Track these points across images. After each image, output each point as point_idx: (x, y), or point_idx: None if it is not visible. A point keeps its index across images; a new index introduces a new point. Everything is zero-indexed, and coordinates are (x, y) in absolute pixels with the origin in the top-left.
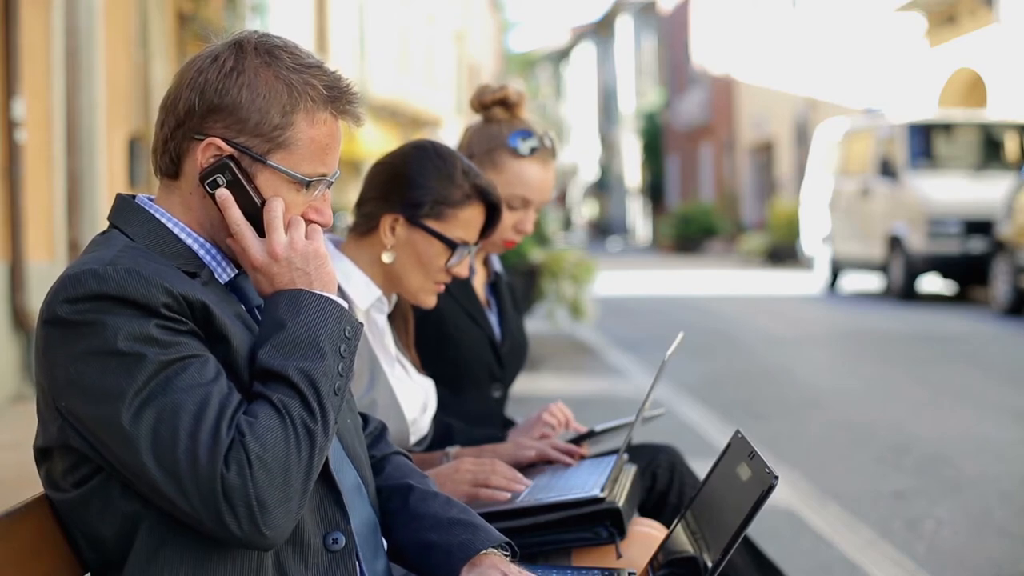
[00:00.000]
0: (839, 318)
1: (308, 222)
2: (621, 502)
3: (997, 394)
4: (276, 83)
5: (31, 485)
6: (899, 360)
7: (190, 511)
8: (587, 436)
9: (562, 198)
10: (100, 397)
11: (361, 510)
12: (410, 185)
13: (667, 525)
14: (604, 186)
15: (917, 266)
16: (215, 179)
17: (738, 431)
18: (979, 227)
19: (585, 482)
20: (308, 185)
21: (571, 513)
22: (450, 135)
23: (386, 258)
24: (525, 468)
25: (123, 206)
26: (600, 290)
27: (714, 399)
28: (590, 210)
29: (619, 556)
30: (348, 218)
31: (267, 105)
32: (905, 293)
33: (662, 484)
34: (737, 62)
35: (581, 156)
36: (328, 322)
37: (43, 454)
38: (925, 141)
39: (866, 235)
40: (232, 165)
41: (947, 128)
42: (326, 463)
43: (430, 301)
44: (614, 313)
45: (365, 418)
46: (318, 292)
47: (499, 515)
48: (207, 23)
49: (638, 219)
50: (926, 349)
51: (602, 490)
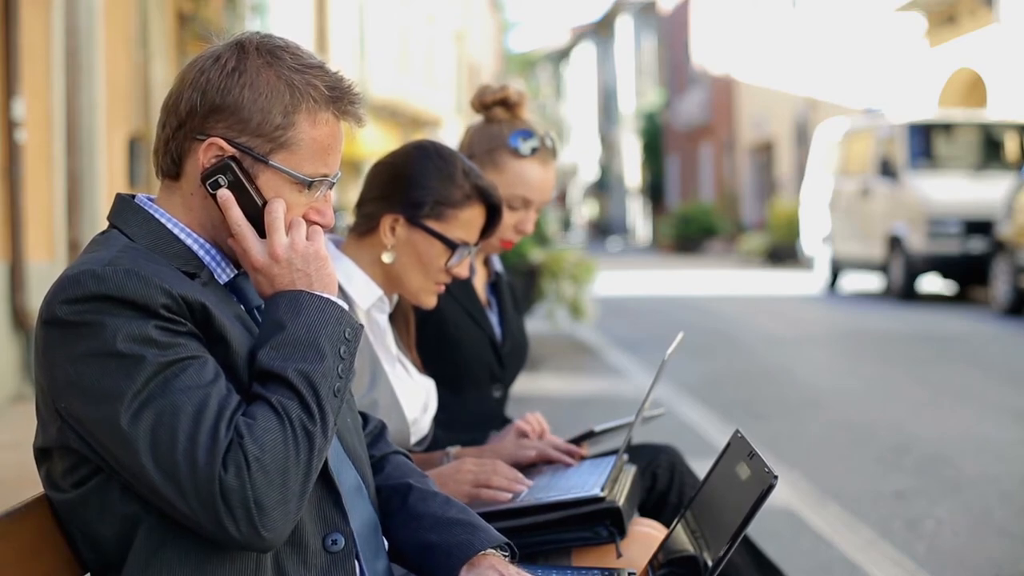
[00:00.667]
0: (839, 318)
1: (309, 223)
2: (621, 502)
3: (997, 394)
4: (278, 83)
5: (31, 485)
6: (899, 360)
7: (188, 513)
8: (587, 436)
9: (562, 198)
10: (99, 398)
11: (362, 510)
12: (411, 185)
13: (667, 525)
14: (604, 186)
15: (917, 266)
16: (216, 179)
17: (737, 431)
18: (979, 227)
19: (585, 482)
20: (310, 186)
21: (571, 513)
22: (450, 135)
23: (386, 258)
24: (525, 468)
25: (123, 206)
26: (600, 290)
27: (714, 399)
28: (590, 210)
29: (619, 556)
30: (349, 218)
31: (269, 105)
32: (905, 293)
33: (662, 484)
34: (737, 62)
35: (581, 156)
36: (328, 323)
37: (43, 454)
38: (925, 141)
39: (866, 235)
40: (234, 165)
41: (947, 128)
42: (325, 464)
43: (431, 301)
44: (614, 313)
45: (365, 417)
46: (318, 293)
47: (499, 515)
48: (207, 23)
49: (638, 219)
50: (926, 349)
51: (602, 490)
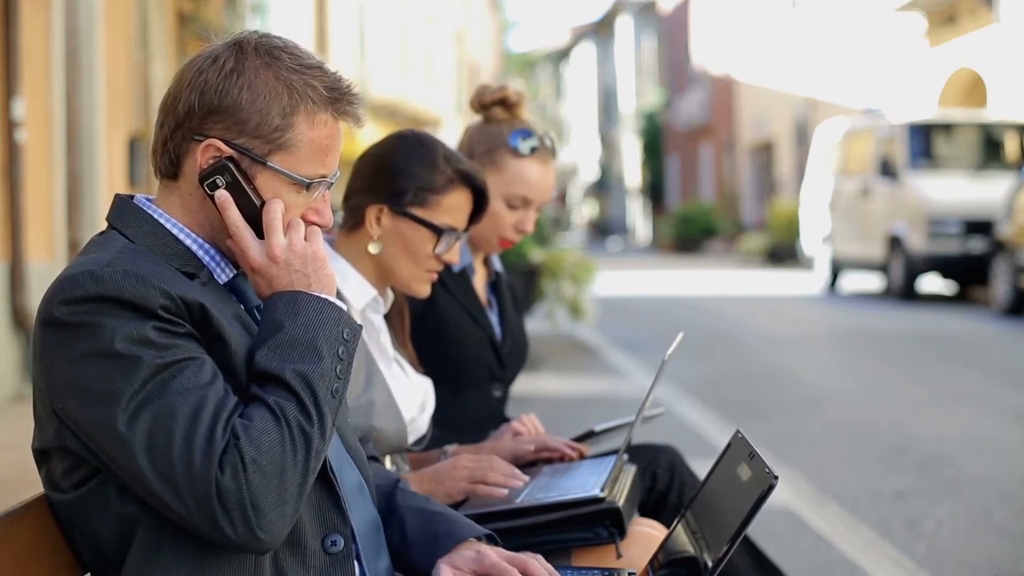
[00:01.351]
0: (839, 318)
1: (308, 223)
2: (621, 502)
3: (997, 394)
4: (276, 84)
5: (31, 485)
6: (899, 360)
7: (185, 514)
8: (587, 436)
9: (562, 198)
10: (96, 400)
11: (364, 509)
12: (392, 174)
13: (667, 525)
14: (604, 186)
15: (917, 266)
16: (214, 180)
17: (738, 431)
18: (979, 227)
19: (585, 482)
20: (308, 187)
21: (571, 513)
22: (450, 135)
23: (373, 248)
24: (524, 467)
25: (121, 207)
26: (600, 290)
27: (714, 399)
28: (590, 210)
29: (619, 556)
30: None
31: (267, 106)
32: (905, 293)
33: (662, 484)
34: (737, 62)
35: (581, 156)
36: (326, 324)
37: (42, 455)
38: (925, 141)
39: (866, 235)
40: (231, 166)
41: (947, 128)
42: (326, 464)
43: (423, 290)
44: (614, 313)
45: None
46: (317, 294)
47: (499, 515)
48: (207, 23)
49: (638, 219)
50: (926, 349)
51: (602, 490)
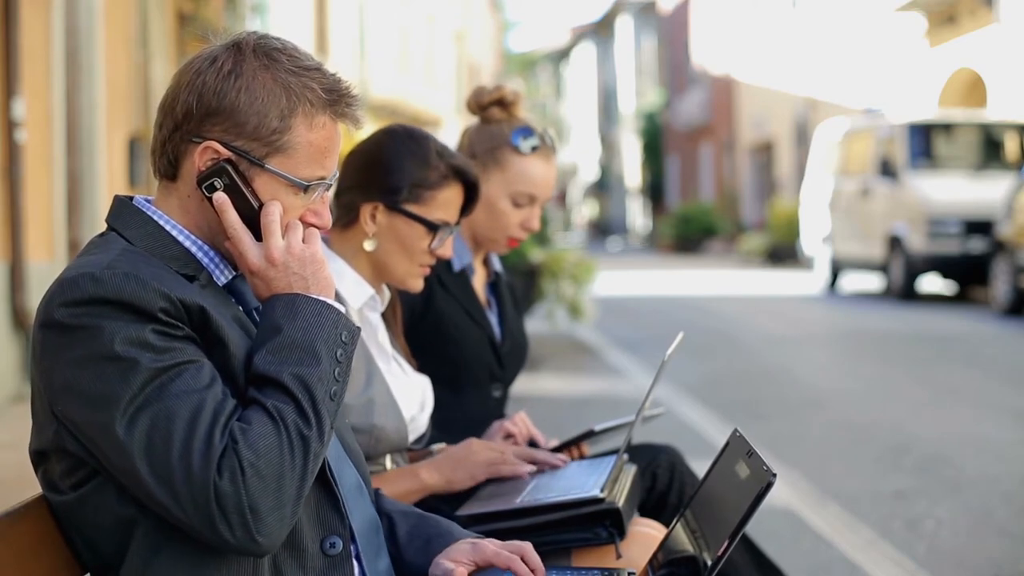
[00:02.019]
0: (839, 318)
1: (306, 225)
2: (621, 502)
3: (997, 394)
4: (274, 86)
5: (31, 485)
6: (899, 360)
7: (183, 518)
8: (587, 436)
9: (562, 198)
10: (95, 402)
11: (363, 510)
12: (386, 171)
13: (667, 525)
14: (604, 186)
15: (917, 266)
16: (212, 182)
17: (736, 430)
18: (979, 227)
19: (585, 482)
20: (306, 189)
21: (571, 513)
22: (450, 135)
23: (368, 246)
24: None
25: (121, 208)
26: (600, 290)
27: (714, 399)
28: (590, 210)
29: (619, 556)
30: None
31: (265, 109)
32: (905, 293)
33: (662, 484)
34: (737, 62)
35: (581, 156)
36: (324, 327)
37: (40, 456)
38: (925, 141)
39: (866, 235)
40: (229, 169)
41: (947, 128)
42: (325, 466)
43: (417, 285)
44: (614, 313)
45: None
46: (315, 297)
47: (499, 515)
48: (207, 23)
49: (638, 219)
50: (926, 349)
51: (602, 490)
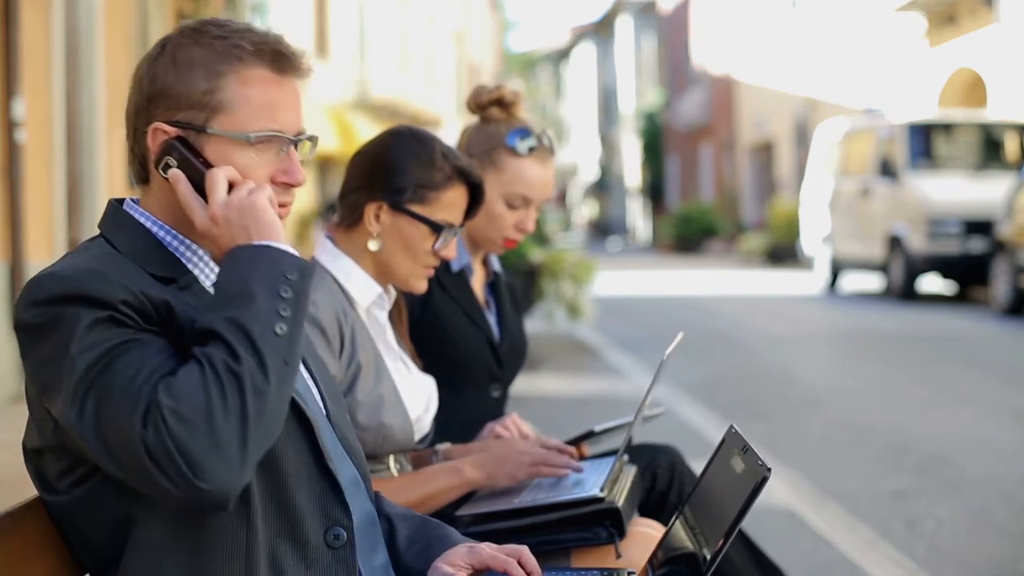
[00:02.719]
0: (839, 318)
1: (279, 184)
2: (621, 502)
3: (997, 394)
4: (200, 52)
5: (31, 485)
6: (899, 360)
7: (137, 485)
8: (587, 436)
9: (562, 198)
10: (58, 388)
11: (360, 505)
12: (391, 171)
13: (667, 525)
14: (604, 186)
15: (917, 266)
16: (166, 162)
17: (731, 426)
18: (979, 227)
19: (585, 482)
20: (254, 142)
21: (571, 513)
22: (450, 135)
23: (372, 246)
24: None
25: (112, 214)
26: (600, 290)
27: (714, 399)
28: (590, 210)
29: (618, 556)
30: None
31: (191, 75)
32: (905, 293)
33: (662, 484)
34: (737, 62)
35: (581, 156)
36: (261, 267)
37: (36, 454)
38: (925, 141)
39: (866, 235)
40: (177, 144)
41: (947, 128)
42: (323, 457)
43: (421, 286)
44: (614, 313)
45: None
46: (255, 243)
47: (499, 515)
48: None
49: (638, 219)
50: (926, 349)
51: (602, 490)
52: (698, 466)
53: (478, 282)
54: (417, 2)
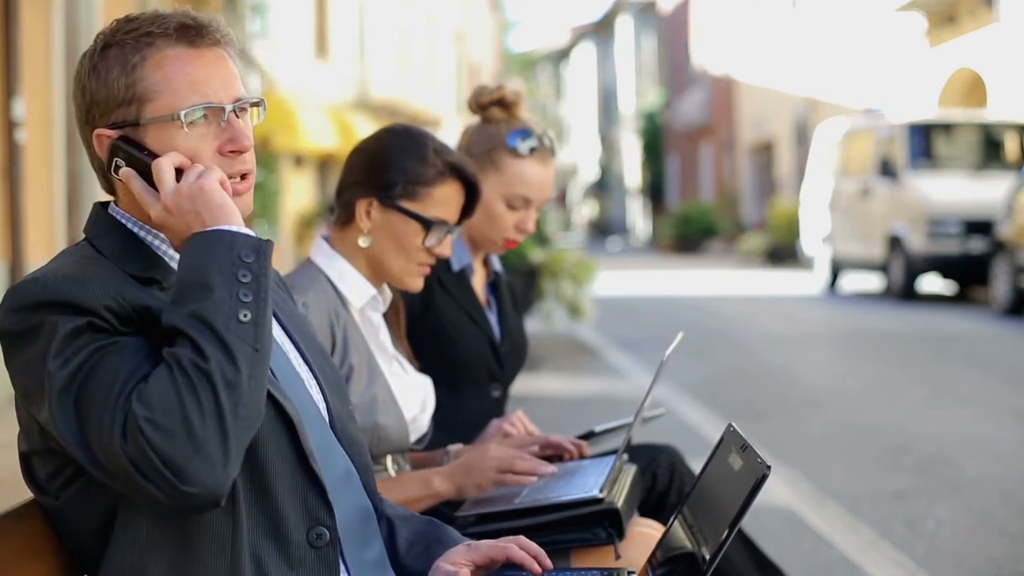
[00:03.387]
0: (839, 318)
1: (226, 155)
2: (620, 503)
3: (997, 394)
4: (113, 51)
5: None
6: (899, 360)
7: (126, 492)
8: (587, 437)
9: (562, 198)
10: (41, 396)
11: (349, 499)
12: (382, 167)
13: (666, 525)
14: (604, 186)
15: (917, 266)
16: (116, 163)
17: (730, 424)
18: (979, 227)
19: (584, 482)
20: (191, 120)
21: (570, 514)
22: (450, 135)
23: (363, 242)
24: None
25: (96, 218)
26: (600, 290)
27: (714, 399)
28: (590, 210)
29: (618, 557)
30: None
31: (111, 75)
32: (905, 293)
33: (662, 484)
34: (737, 62)
35: (581, 156)
36: (216, 254)
37: (26, 458)
38: (925, 141)
39: (866, 235)
40: (120, 144)
41: (947, 128)
42: (306, 455)
43: (416, 284)
44: (614, 313)
45: None
46: (208, 229)
47: (498, 516)
48: None
49: (638, 219)
50: (926, 349)
51: (601, 490)
52: (698, 466)
53: (479, 282)
54: (417, 2)
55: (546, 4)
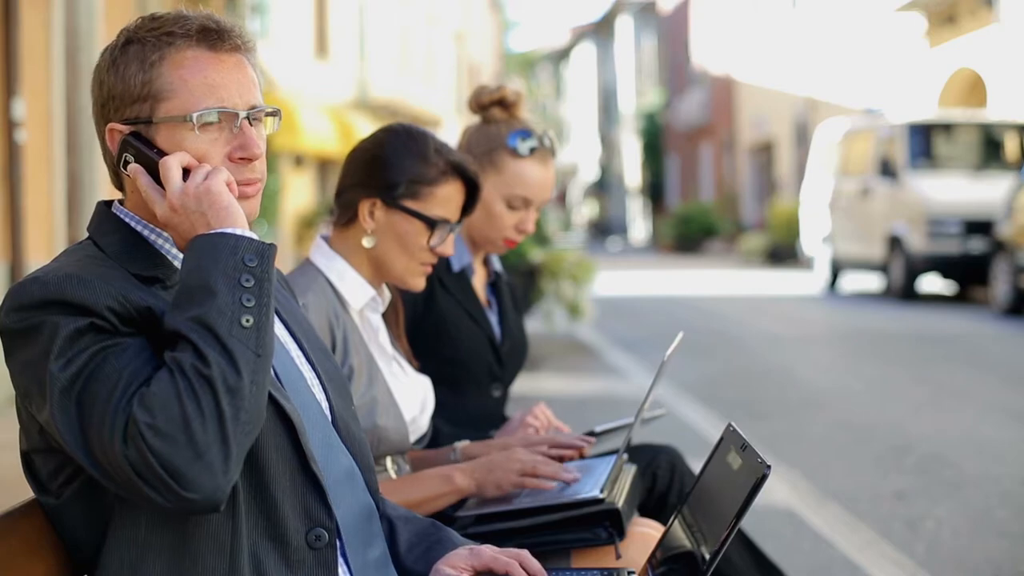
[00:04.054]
0: (839, 318)
1: (235, 161)
2: (620, 503)
3: (997, 394)
4: (134, 48)
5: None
6: (899, 360)
7: (125, 495)
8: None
9: (562, 198)
10: (42, 397)
11: (351, 498)
12: (384, 168)
13: (666, 525)
14: (604, 186)
15: (917, 266)
16: (125, 158)
17: (730, 424)
18: (979, 227)
19: (585, 482)
20: (204, 124)
21: (570, 514)
22: (450, 135)
23: (367, 243)
24: None
25: (99, 216)
26: (600, 290)
27: (714, 399)
28: (590, 210)
29: (618, 556)
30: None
31: (128, 71)
32: (905, 293)
33: (662, 484)
34: (737, 62)
35: (581, 156)
36: (219, 257)
37: (27, 456)
38: (925, 141)
39: (866, 235)
40: (131, 140)
41: (947, 128)
42: (306, 456)
43: (419, 283)
44: (614, 313)
45: None
46: (212, 231)
47: (499, 516)
48: None
49: (638, 219)
50: (926, 349)
51: (602, 490)
52: (698, 466)
53: (479, 282)
54: (417, 2)
55: (546, 4)
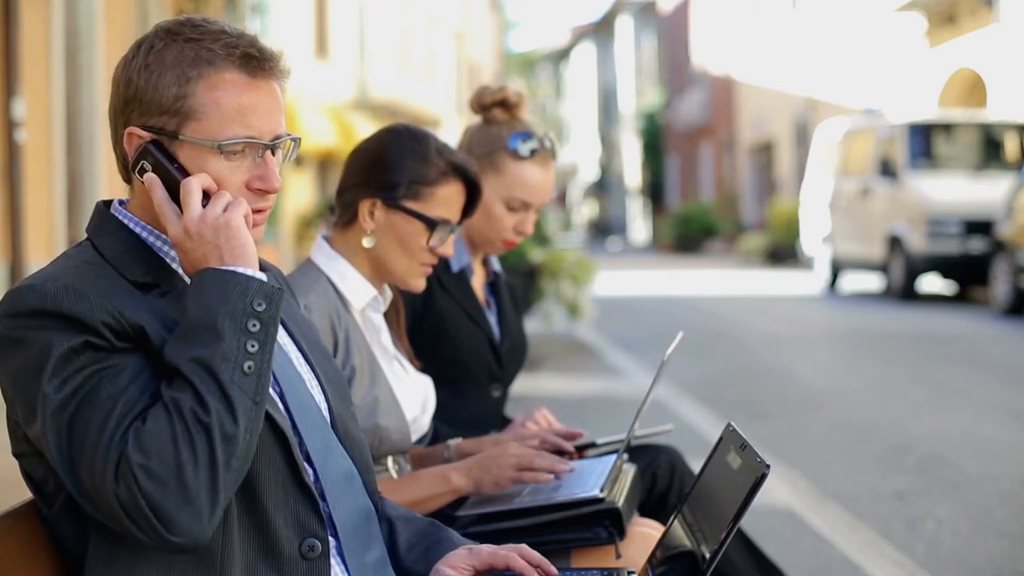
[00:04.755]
0: (839, 318)
1: (253, 192)
2: (620, 502)
3: (997, 394)
4: (171, 56)
5: None
6: (899, 360)
7: (107, 523)
8: (587, 447)
9: (562, 198)
10: (33, 414)
11: (350, 500)
12: (384, 168)
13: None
14: (604, 186)
15: (917, 266)
16: (142, 165)
17: (729, 423)
18: (979, 227)
19: (585, 482)
20: (225, 150)
21: (570, 513)
22: (450, 135)
23: (366, 243)
24: None
25: (98, 217)
26: (600, 290)
27: (714, 399)
28: (590, 210)
29: (618, 556)
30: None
31: (163, 80)
32: (905, 293)
33: (662, 484)
34: (737, 62)
35: (581, 156)
36: (229, 299)
37: (20, 459)
38: (925, 141)
39: (866, 235)
40: (152, 148)
41: (947, 128)
42: (297, 467)
43: (419, 284)
44: (614, 313)
45: None
46: (223, 268)
47: (499, 515)
48: None
49: (638, 219)
50: (926, 349)
51: (602, 490)
52: (698, 466)
53: (478, 282)
54: (417, 2)
55: (546, 4)
